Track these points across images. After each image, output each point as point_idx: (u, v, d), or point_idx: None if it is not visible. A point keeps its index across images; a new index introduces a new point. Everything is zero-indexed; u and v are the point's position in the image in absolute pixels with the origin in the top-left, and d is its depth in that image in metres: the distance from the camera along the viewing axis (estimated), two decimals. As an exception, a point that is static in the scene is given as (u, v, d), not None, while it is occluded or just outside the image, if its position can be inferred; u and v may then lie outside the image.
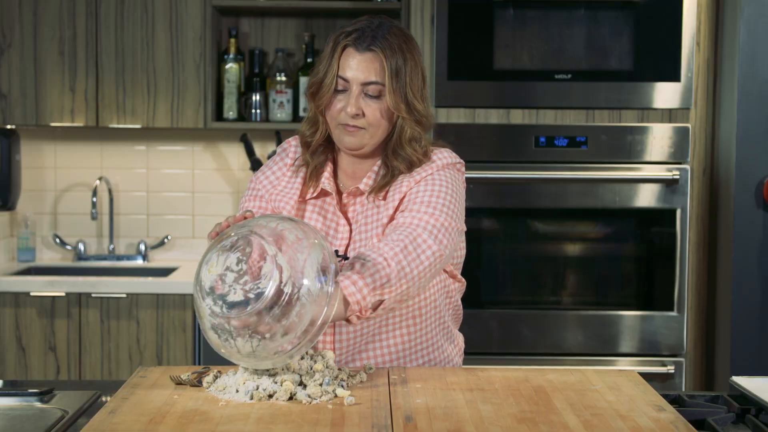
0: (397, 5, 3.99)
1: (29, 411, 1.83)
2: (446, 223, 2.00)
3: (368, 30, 2.05)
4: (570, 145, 3.54)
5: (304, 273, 1.73)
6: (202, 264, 1.79)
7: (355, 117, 2.04)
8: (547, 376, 1.95)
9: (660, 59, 3.54)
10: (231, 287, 1.73)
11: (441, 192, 2.04)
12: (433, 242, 1.95)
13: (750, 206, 3.46)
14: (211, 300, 1.75)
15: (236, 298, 1.72)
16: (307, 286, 1.73)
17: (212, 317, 1.75)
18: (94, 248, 4.37)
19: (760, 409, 1.82)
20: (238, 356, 1.78)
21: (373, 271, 1.85)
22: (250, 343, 1.74)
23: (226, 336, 1.75)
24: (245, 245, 1.75)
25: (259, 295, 1.71)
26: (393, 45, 2.04)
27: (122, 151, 4.36)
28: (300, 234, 1.78)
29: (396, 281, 1.87)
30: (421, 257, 1.92)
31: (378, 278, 1.85)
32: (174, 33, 4.02)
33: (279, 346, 1.74)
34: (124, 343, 3.81)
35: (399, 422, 1.63)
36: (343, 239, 2.10)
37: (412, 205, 2.03)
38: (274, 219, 1.82)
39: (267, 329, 1.73)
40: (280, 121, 4.15)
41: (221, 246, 1.77)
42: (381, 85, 2.04)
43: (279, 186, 2.15)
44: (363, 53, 2.04)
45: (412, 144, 2.08)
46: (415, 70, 2.07)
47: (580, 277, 3.65)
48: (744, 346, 3.47)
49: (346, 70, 2.04)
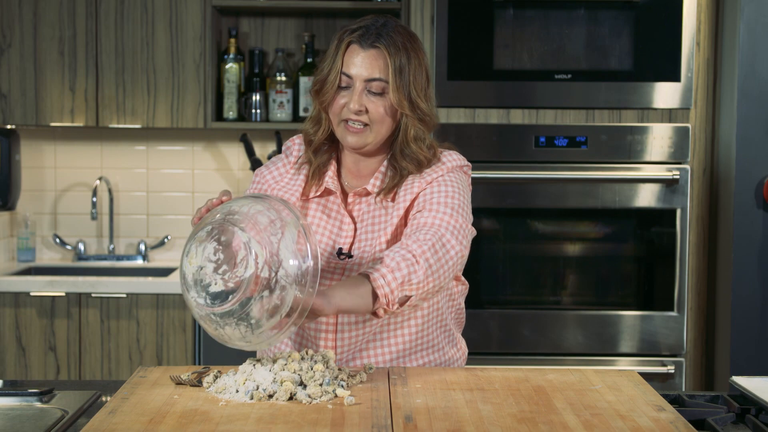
0: (397, 5, 3.98)
1: (29, 411, 1.83)
2: (464, 224, 2.03)
3: (373, 28, 2.06)
4: (570, 145, 3.54)
5: (280, 255, 1.75)
6: (183, 256, 1.81)
7: (358, 113, 2.05)
8: (547, 376, 1.95)
9: (660, 59, 3.54)
10: (211, 278, 1.76)
11: (455, 194, 2.06)
12: (456, 243, 1.99)
13: (750, 206, 3.46)
14: (195, 292, 1.78)
15: (217, 289, 1.75)
16: (285, 267, 1.75)
17: (198, 309, 1.79)
18: (94, 248, 4.37)
19: (760, 409, 1.82)
20: (231, 342, 1.81)
21: (403, 267, 1.88)
22: (239, 329, 1.77)
23: (215, 325, 1.79)
24: (220, 234, 1.77)
25: (238, 283, 1.73)
26: (397, 43, 2.04)
27: (122, 151, 4.36)
28: (273, 215, 1.79)
29: (424, 278, 1.91)
30: (446, 257, 1.96)
31: (407, 274, 1.88)
32: (174, 33, 4.02)
33: (267, 329, 1.77)
34: (124, 343, 3.81)
35: (399, 422, 1.63)
36: (348, 237, 2.11)
37: (428, 205, 2.04)
38: (247, 202, 1.82)
39: (252, 315, 1.75)
40: (280, 121, 4.15)
41: (198, 237, 1.79)
42: (384, 82, 2.04)
43: (282, 182, 2.16)
44: (367, 50, 2.04)
45: (417, 142, 2.09)
46: (419, 69, 2.07)
47: (580, 277, 3.65)
48: (744, 346, 3.47)
49: (350, 67, 2.04)
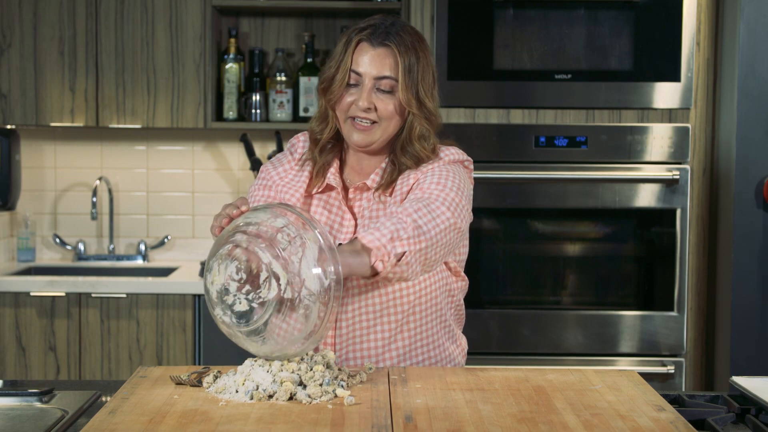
0: (397, 5, 3.98)
1: (29, 411, 1.83)
2: (457, 200, 2.01)
3: (382, 27, 2.07)
4: (570, 145, 3.54)
5: (302, 274, 1.74)
6: (206, 272, 1.82)
7: (367, 111, 2.05)
8: (547, 376, 1.95)
9: (660, 59, 3.54)
10: (235, 297, 1.76)
11: (449, 179, 2.05)
12: (447, 210, 1.96)
13: (750, 206, 3.46)
14: (220, 310, 1.79)
15: (242, 308, 1.76)
16: (307, 286, 1.74)
17: (224, 326, 1.81)
18: (94, 248, 4.37)
19: (760, 409, 1.82)
20: (258, 354, 1.83)
21: (388, 225, 1.88)
22: (265, 346, 1.79)
23: (241, 341, 1.81)
24: (241, 253, 1.76)
25: (262, 304, 1.74)
26: (407, 42, 2.05)
27: (122, 151, 4.36)
28: (292, 232, 1.78)
29: (414, 235, 1.88)
30: (437, 220, 1.94)
31: (395, 230, 1.87)
32: (174, 33, 4.02)
33: (292, 344, 1.78)
34: (124, 343, 3.80)
35: (399, 422, 1.63)
36: (348, 233, 2.11)
37: (423, 185, 2.03)
38: (266, 217, 1.81)
39: (276, 333, 1.76)
40: (280, 121, 4.15)
41: (219, 254, 1.79)
42: (394, 80, 2.05)
43: (286, 179, 2.16)
44: (377, 48, 2.05)
45: (421, 141, 2.09)
46: (427, 68, 2.08)
47: (580, 277, 3.65)
48: (744, 346, 3.47)
49: (360, 65, 2.05)
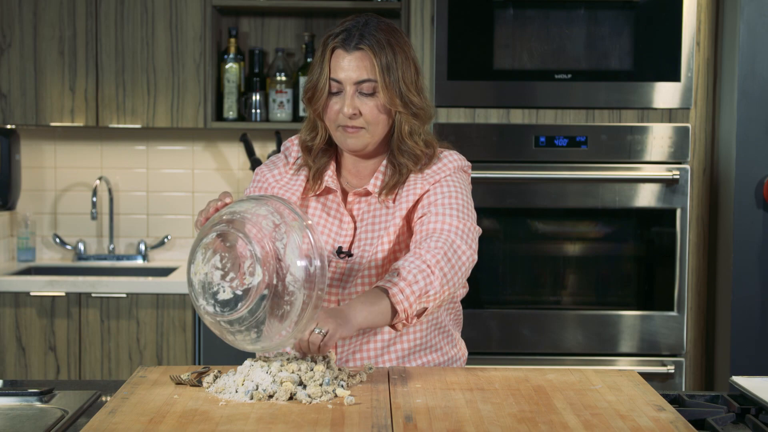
0: (397, 5, 3.99)
1: (29, 411, 1.83)
2: (471, 226, 2.03)
3: (355, 29, 2.06)
4: (570, 145, 3.54)
5: (286, 260, 1.74)
6: (189, 263, 1.80)
7: (353, 117, 2.04)
8: (547, 376, 1.95)
9: (660, 59, 3.54)
10: (219, 285, 1.75)
11: (459, 196, 2.06)
12: (467, 248, 1.99)
13: (750, 206, 3.46)
14: (203, 300, 1.77)
15: (226, 296, 1.75)
16: (292, 273, 1.74)
17: (207, 316, 1.79)
18: (94, 248, 4.37)
19: (760, 409, 1.82)
20: (242, 347, 1.81)
21: (420, 279, 1.89)
22: (249, 335, 1.77)
23: (226, 332, 1.79)
24: (225, 241, 1.76)
25: (247, 291, 1.73)
26: (381, 41, 2.04)
27: (122, 151, 4.36)
28: (277, 219, 1.78)
29: (440, 288, 1.91)
30: (459, 263, 1.96)
31: (424, 286, 1.89)
32: (174, 33, 4.02)
33: (278, 333, 1.77)
34: (124, 343, 3.80)
35: (399, 422, 1.63)
36: (347, 236, 2.11)
37: (434, 208, 2.04)
38: (250, 206, 1.81)
39: (261, 320, 1.75)
40: (280, 121, 4.15)
41: (203, 243, 1.78)
42: (374, 82, 2.04)
43: (282, 181, 2.16)
44: (352, 53, 2.04)
45: (412, 137, 2.08)
46: (406, 62, 2.06)
47: (580, 276, 3.65)
48: (744, 346, 3.47)
49: (338, 72, 2.04)
